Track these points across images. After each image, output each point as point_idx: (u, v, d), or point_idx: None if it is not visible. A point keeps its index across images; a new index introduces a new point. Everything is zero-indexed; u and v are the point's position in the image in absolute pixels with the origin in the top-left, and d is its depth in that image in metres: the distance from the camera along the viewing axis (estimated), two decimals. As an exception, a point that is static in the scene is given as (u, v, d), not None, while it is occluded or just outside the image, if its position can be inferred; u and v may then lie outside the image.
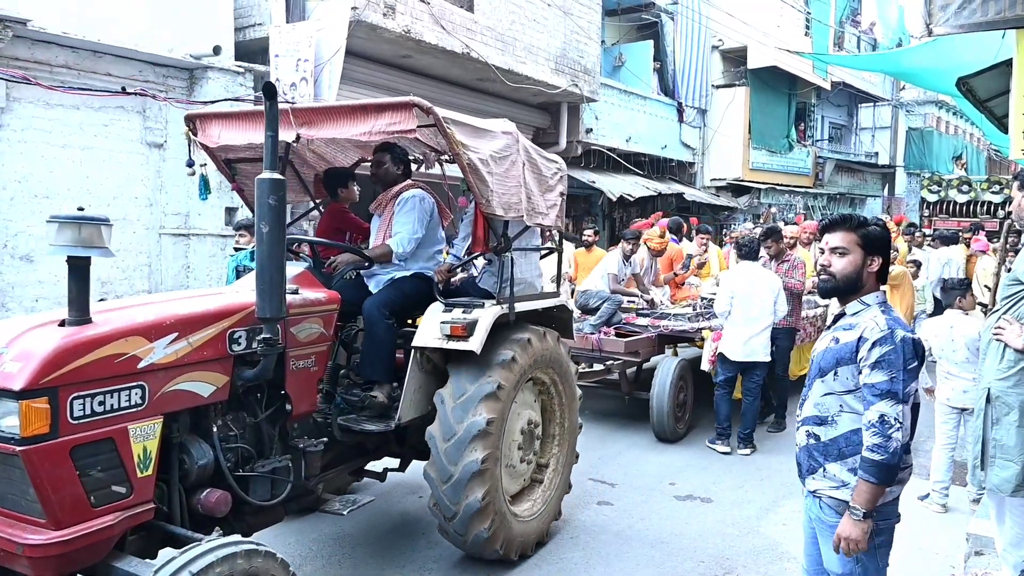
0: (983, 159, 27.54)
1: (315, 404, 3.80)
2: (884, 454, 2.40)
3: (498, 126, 4.20)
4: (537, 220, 4.49)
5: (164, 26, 7.86)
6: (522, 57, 11.26)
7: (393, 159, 4.45)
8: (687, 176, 17.95)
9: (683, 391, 7.00)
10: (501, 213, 4.03)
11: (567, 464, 4.83)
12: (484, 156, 3.85)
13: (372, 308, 4.08)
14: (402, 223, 4.27)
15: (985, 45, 6.45)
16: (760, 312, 6.43)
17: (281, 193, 3.00)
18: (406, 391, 3.98)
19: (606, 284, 7.59)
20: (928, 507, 5.24)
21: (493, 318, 4.04)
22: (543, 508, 4.57)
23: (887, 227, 2.69)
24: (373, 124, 3.52)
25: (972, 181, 17.28)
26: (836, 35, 21.26)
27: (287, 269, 3.67)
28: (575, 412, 4.88)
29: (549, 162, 4.74)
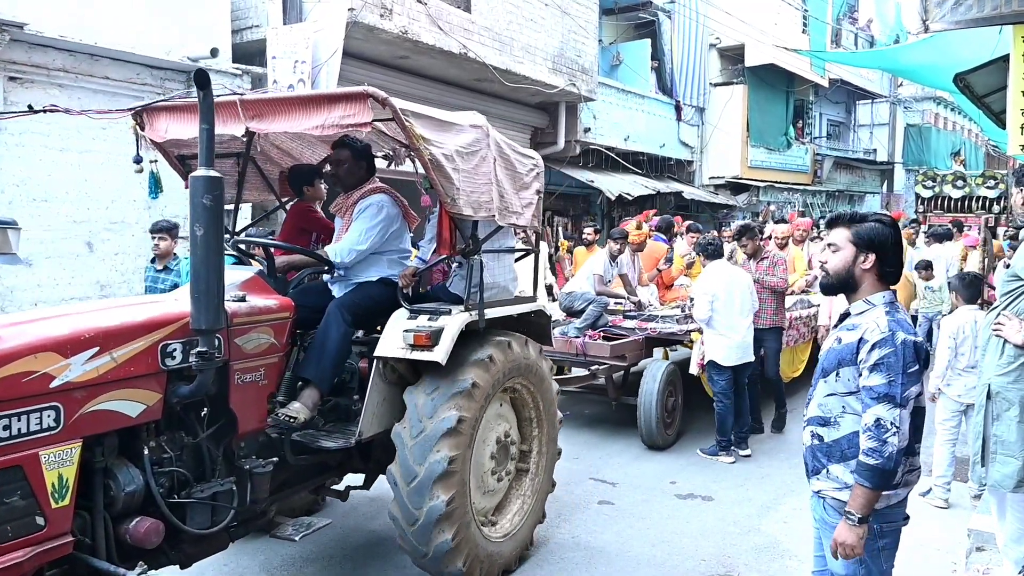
0: (981, 155, 27.57)
1: (265, 420, 3.50)
2: (879, 459, 2.36)
3: (466, 119, 3.91)
4: (511, 220, 4.18)
5: (161, 29, 7.86)
6: (520, 57, 11.26)
7: (354, 157, 4.13)
8: (686, 174, 17.96)
9: (672, 396, 6.72)
10: (469, 213, 3.72)
11: (543, 490, 4.50)
12: (449, 151, 3.56)
13: (333, 308, 3.85)
14: (352, 230, 3.99)
15: (982, 41, 6.45)
16: (741, 311, 6.26)
17: (217, 192, 2.75)
18: (368, 404, 3.69)
19: (592, 285, 7.33)
20: (930, 503, 5.24)
21: (460, 326, 3.75)
22: (514, 531, 4.24)
23: (891, 224, 2.61)
24: (326, 117, 3.23)
25: (967, 176, 17.24)
26: (833, 32, 21.29)
27: (234, 274, 3.49)
28: (555, 432, 4.59)
29: (525, 158, 4.43)
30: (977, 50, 6.62)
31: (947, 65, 7.43)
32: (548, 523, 4.97)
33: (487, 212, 3.87)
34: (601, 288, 7.33)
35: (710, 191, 18.14)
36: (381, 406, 3.79)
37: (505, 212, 4.09)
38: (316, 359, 3.76)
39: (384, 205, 4.03)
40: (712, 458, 6.31)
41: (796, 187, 20.85)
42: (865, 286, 2.60)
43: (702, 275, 6.43)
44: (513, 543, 4.22)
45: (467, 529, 3.74)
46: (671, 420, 6.72)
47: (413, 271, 4.07)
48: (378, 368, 3.77)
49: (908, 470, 2.56)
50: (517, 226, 4.37)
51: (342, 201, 4.13)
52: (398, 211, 4.14)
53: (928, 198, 17.17)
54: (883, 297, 2.55)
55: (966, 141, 27.82)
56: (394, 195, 4.13)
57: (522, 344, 4.17)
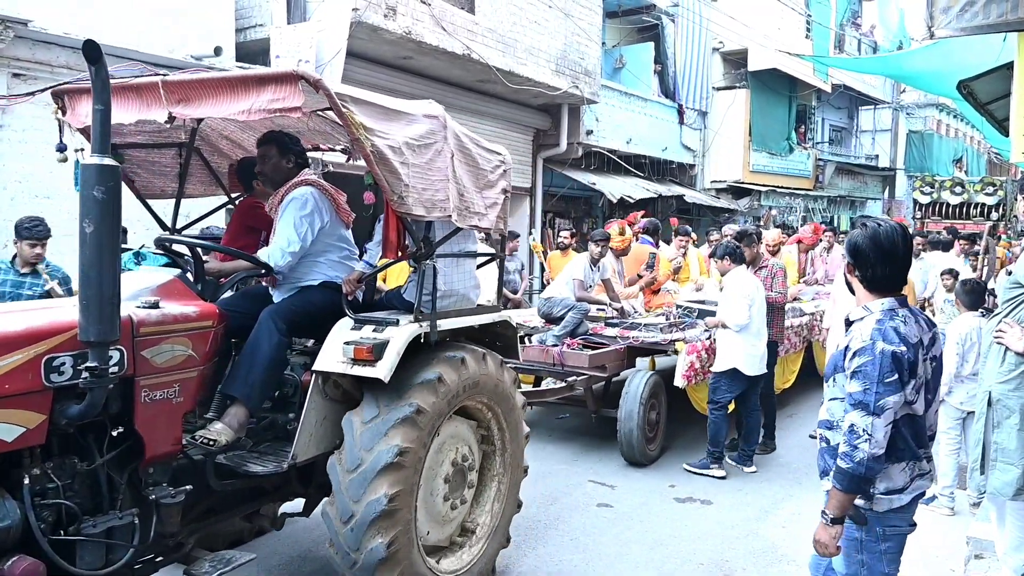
0: (983, 162, 27.59)
1: (180, 443, 3.13)
2: (850, 463, 2.40)
3: (419, 108, 3.54)
4: (472, 221, 3.80)
5: (165, 27, 7.86)
6: (523, 59, 11.26)
7: (280, 152, 3.77)
8: (687, 178, 17.96)
9: (655, 409, 6.36)
10: (421, 212, 3.36)
11: (507, 513, 4.16)
12: (396, 143, 3.23)
13: (265, 315, 3.50)
14: (279, 231, 3.63)
15: (986, 48, 6.46)
16: (763, 319, 6.10)
17: (111, 183, 2.43)
18: (304, 424, 3.33)
19: (571, 291, 6.95)
20: (935, 511, 5.23)
21: (408, 338, 3.39)
22: (472, 563, 3.91)
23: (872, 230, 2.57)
24: (254, 100, 2.92)
25: (965, 182, 17.12)
26: (837, 38, 21.28)
27: (148, 277, 3.23)
28: (520, 450, 4.23)
29: (489, 153, 4.06)
30: (981, 57, 6.63)
31: (950, 72, 7.43)
32: (547, 525, 4.97)
33: (442, 212, 3.49)
34: (581, 294, 6.98)
35: (712, 195, 18.14)
36: (321, 426, 3.43)
37: (465, 213, 3.72)
38: (244, 374, 3.40)
39: (308, 199, 3.64)
40: (702, 472, 6.04)
41: (798, 192, 20.84)
42: (859, 294, 2.63)
43: (733, 278, 6.10)
44: None
45: (412, 569, 3.41)
46: (654, 435, 6.39)
47: (358, 276, 3.69)
48: (317, 384, 3.41)
49: (917, 475, 2.58)
50: (479, 228, 3.97)
51: (272, 200, 3.78)
52: (327, 205, 3.73)
53: (926, 204, 17.04)
54: (882, 305, 2.55)
55: (968, 148, 27.84)
56: (322, 188, 3.76)
57: (479, 359, 3.76)
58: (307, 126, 4.02)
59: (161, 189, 4.21)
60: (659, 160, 16.66)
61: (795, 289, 8.33)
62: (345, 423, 3.36)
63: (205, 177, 4.37)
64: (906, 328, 2.49)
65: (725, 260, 6.16)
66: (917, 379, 2.49)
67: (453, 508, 3.81)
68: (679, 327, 6.82)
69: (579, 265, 7.13)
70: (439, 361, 3.55)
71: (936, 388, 2.64)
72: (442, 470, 3.70)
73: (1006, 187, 16.57)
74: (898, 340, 2.44)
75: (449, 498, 3.75)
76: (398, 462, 3.24)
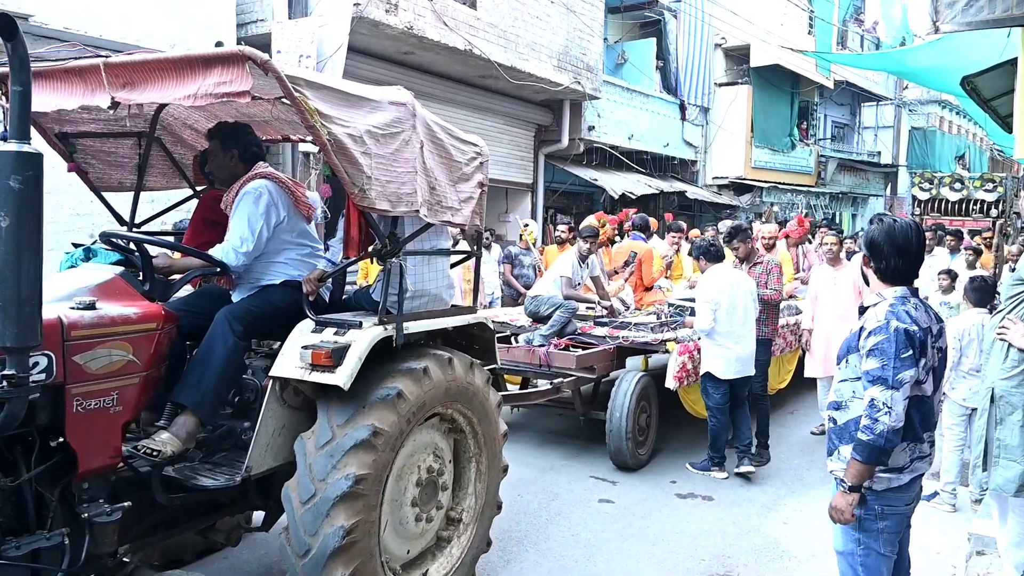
0: (986, 159, 27.55)
1: (119, 455, 2.89)
2: (871, 435, 2.54)
3: (385, 95, 3.29)
4: (444, 217, 3.56)
5: (166, 22, 7.85)
6: (525, 54, 11.24)
7: (223, 147, 3.53)
8: (689, 174, 17.94)
9: (645, 412, 6.10)
10: (385, 207, 3.13)
11: (485, 516, 3.96)
12: (357, 131, 3.00)
13: (219, 318, 3.28)
14: (232, 227, 3.40)
15: (990, 44, 6.43)
16: (744, 320, 5.78)
17: (30, 172, 2.21)
18: (260, 433, 3.12)
19: (559, 289, 6.65)
20: (937, 507, 5.23)
21: (372, 342, 3.18)
22: (450, 573, 3.74)
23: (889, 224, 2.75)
24: (200, 84, 2.70)
25: (964, 179, 17.05)
26: (839, 34, 21.24)
27: (86, 276, 2.99)
28: (497, 454, 4.03)
29: (464, 144, 3.81)
30: (985, 53, 6.60)
31: (954, 68, 7.41)
32: (548, 521, 4.97)
33: (409, 207, 3.25)
34: (569, 292, 6.66)
35: (713, 191, 18.12)
36: (279, 435, 3.21)
37: (436, 207, 3.49)
38: (195, 380, 3.18)
39: (263, 192, 3.40)
40: (703, 473, 5.93)
41: (800, 188, 20.82)
42: (874, 284, 2.81)
43: (702, 280, 5.94)
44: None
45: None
46: (644, 438, 6.13)
47: (319, 274, 3.45)
48: (274, 390, 3.20)
49: (917, 457, 2.70)
50: (452, 224, 3.73)
51: (227, 197, 3.54)
52: (285, 199, 3.49)
53: (925, 201, 16.95)
54: (895, 292, 2.72)
55: (971, 145, 27.79)
56: (279, 180, 3.53)
57: (444, 365, 3.50)
58: (271, 114, 3.79)
59: (119, 182, 3.97)
60: (661, 156, 16.65)
61: (791, 286, 8.13)
62: (297, 447, 3.13)
63: (167, 169, 4.11)
64: (916, 313, 2.66)
65: (700, 260, 5.97)
66: (927, 359, 2.64)
67: (429, 520, 3.61)
68: (670, 326, 6.59)
69: (567, 262, 6.83)
70: (399, 374, 3.27)
71: (940, 378, 2.78)
72: (410, 484, 3.48)
73: (1006, 183, 16.51)
74: (910, 320, 2.61)
75: (421, 513, 3.54)
76: (355, 491, 3.00)
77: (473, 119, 12.21)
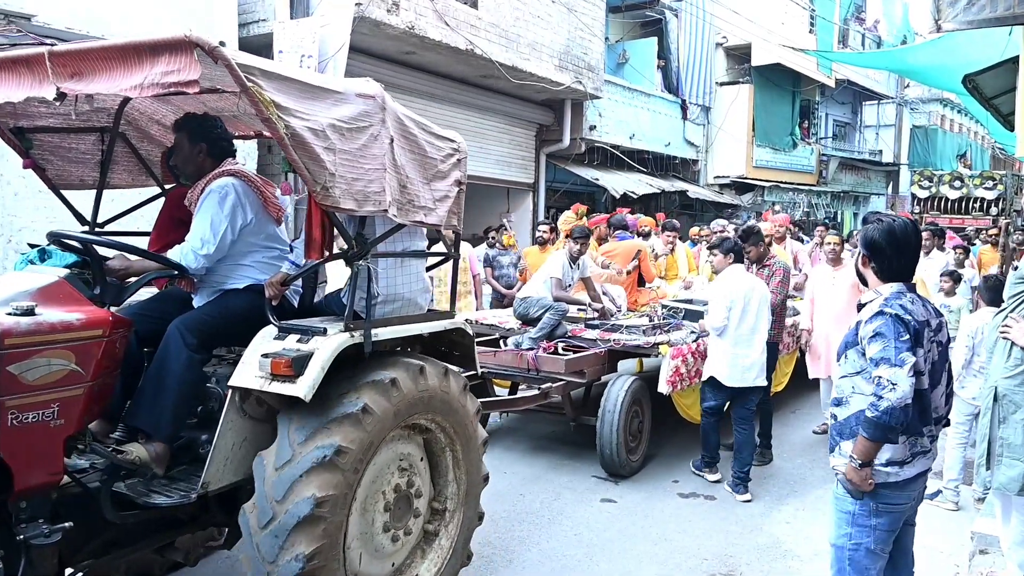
0: (987, 157, 27.52)
1: (60, 472, 2.68)
2: (875, 412, 2.57)
3: (352, 86, 3.10)
4: (416, 217, 3.35)
5: (168, 22, 7.85)
6: (526, 54, 11.24)
7: (190, 140, 3.34)
8: (690, 173, 17.93)
9: (638, 417, 5.91)
10: (350, 206, 2.92)
11: (465, 527, 3.75)
12: (319, 125, 2.81)
13: (172, 330, 3.06)
14: (194, 228, 3.21)
15: (991, 42, 6.43)
16: (755, 327, 5.54)
17: None
18: (218, 447, 2.94)
19: (549, 290, 6.44)
20: (939, 506, 5.22)
21: (336, 350, 2.99)
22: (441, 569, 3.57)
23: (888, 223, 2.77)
24: (147, 73, 2.50)
25: (964, 177, 16.87)
26: (840, 32, 21.23)
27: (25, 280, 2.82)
28: (476, 463, 3.80)
29: (440, 140, 3.60)
30: (986, 52, 6.60)
31: (955, 66, 7.41)
32: (550, 520, 4.97)
33: (377, 206, 3.05)
34: (559, 293, 6.44)
35: (715, 190, 18.12)
36: (240, 449, 3.02)
37: (408, 207, 3.29)
38: (149, 402, 2.98)
39: (229, 191, 3.22)
40: (698, 473, 5.85)
41: (801, 187, 20.81)
42: (870, 281, 2.83)
43: (721, 277, 5.71)
44: None
45: None
46: (636, 444, 5.93)
47: (282, 278, 3.23)
48: (234, 401, 3.01)
49: (919, 451, 2.72)
50: (425, 224, 3.51)
51: (191, 194, 3.35)
52: (253, 199, 3.32)
53: (925, 199, 16.77)
54: (891, 288, 2.75)
55: (972, 143, 27.77)
56: (248, 179, 3.36)
57: (415, 374, 3.29)
58: (239, 108, 3.58)
59: (80, 179, 3.79)
60: (662, 156, 16.64)
61: None
62: (256, 466, 2.93)
63: (133, 166, 3.91)
64: (913, 307, 2.69)
65: (720, 255, 5.68)
66: (925, 351, 2.66)
67: (403, 537, 3.40)
68: (663, 328, 6.36)
69: (557, 263, 6.60)
70: (366, 386, 3.06)
71: (942, 373, 2.80)
72: (380, 501, 3.26)
73: (1006, 181, 16.41)
74: (904, 311, 2.65)
75: (393, 526, 3.32)
76: (316, 515, 2.80)
77: (474, 119, 12.21)
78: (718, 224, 9.98)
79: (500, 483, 5.58)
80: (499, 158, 12.97)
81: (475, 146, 12.33)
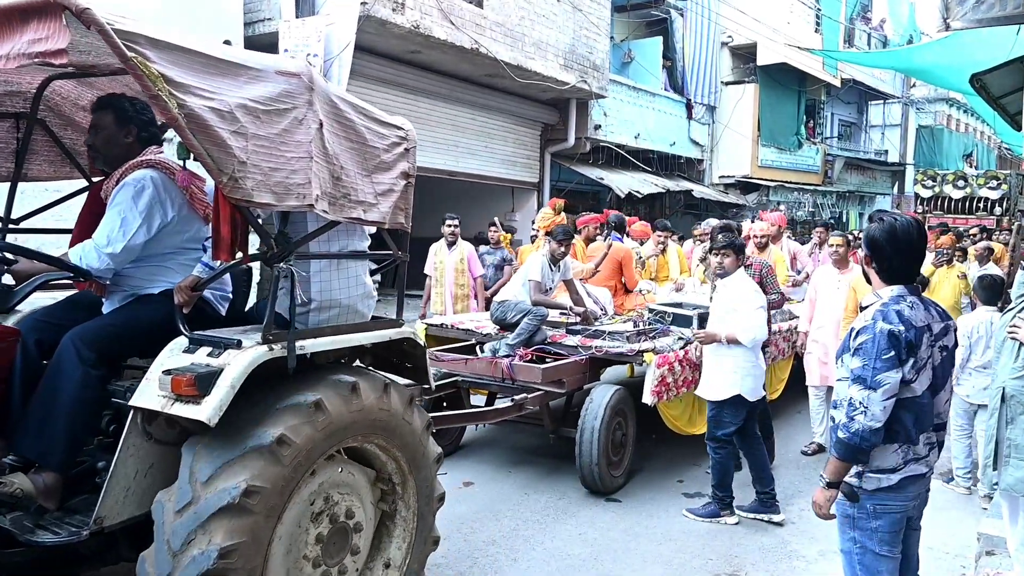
0: (994, 157, 27.43)
1: None
2: (846, 433, 2.57)
3: (272, 62, 2.73)
4: (353, 213, 2.96)
5: (174, 21, 7.87)
6: (531, 53, 11.24)
7: (118, 120, 2.99)
8: (696, 173, 17.91)
9: (621, 429, 5.46)
10: (267, 200, 2.54)
11: (418, 554, 3.40)
12: (225, 105, 2.44)
13: (66, 343, 2.70)
14: (102, 223, 2.89)
15: (998, 42, 6.41)
16: None
17: None
18: (115, 476, 2.57)
19: (527, 293, 5.92)
20: (953, 489, 5.48)
21: (250, 365, 2.59)
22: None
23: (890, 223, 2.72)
24: (16, 42, 2.23)
25: (968, 176, 16.69)
26: (846, 32, 21.17)
27: None
28: (428, 484, 3.40)
29: (383, 127, 3.21)
30: (993, 51, 6.58)
31: (962, 66, 7.39)
32: (555, 519, 4.96)
33: (301, 200, 2.66)
34: (538, 297, 5.91)
35: (720, 190, 18.09)
36: (145, 478, 2.65)
37: (343, 202, 2.91)
38: (36, 426, 2.62)
39: (146, 185, 2.88)
40: (711, 520, 5.00)
41: (806, 187, 20.76)
42: (874, 281, 2.80)
43: (739, 281, 5.02)
44: None
45: None
46: (619, 458, 5.50)
47: (193, 282, 2.89)
48: (135, 423, 2.63)
49: (911, 458, 2.68)
50: (363, 222, 3.12)
51: (107, 185, 3.02)
52: (176, 194, 2.99)
53: (928, 198, 16.57)
54: (891, 292, 2.70)
55: (978, 143, 27.68)
56: (171, 171, 3.03)
57: (346, 394, 2.88)
58: None
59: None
60: (667, 155, 16.62)
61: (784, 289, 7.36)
62: (155, 506, 2.55)
63: (55, 156, 3.56)
64: (911, 312, 2.63)
65: (731, 256, 5.02)
66: (918, 359, 2.60)
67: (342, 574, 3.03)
68: (648, 335, 5.84)
69: (535, 264, 6.04)
70: (285, 411, 2.67)
71: (945, 377, 2.76)
72: (309, 537, 2.86)
73: (1010, 180, 16.24)
74: (898, 321, 2.58)
75: (323, 566, 2.92)
76: (220, 568, 2.43)
77: (479, 118, 12.22)
78: (709, 224, 9.33)
79: (505, 483, 5.58)
80: (504, 157, 12.97)
81: (480, 145, 12.34)
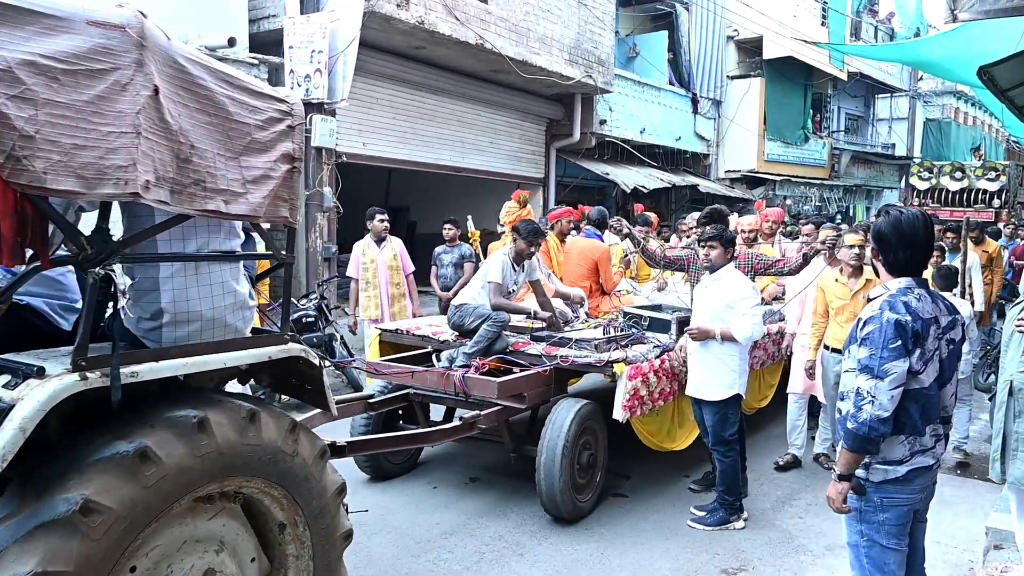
0: (1002, 150, 27.25)
1: None
2: (855, 423, 2.58)
3: (80, 9, 2.13)
4: (210, 204, 2.44)
5: (179, 18, 7.87)
6: (536, 48, 11.22)
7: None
8: (701, 168, 17.87)
9: (589, 448, 4.91)
10: (71, 187, 2.05)
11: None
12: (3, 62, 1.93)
13: None
14: None
15: (1006, 34, 6.36)
16: None
17: None
18: None
19: (487, 296, 5.29)
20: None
21: (49, 401, 2.07)
22: None
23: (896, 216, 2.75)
24: None
25: (966, 167, 16.24)
26: (853, 25, 21.06)
27: None
28: (329, 521, 2.85)
29: (258, 99, 2.64)
30: (1001, 43, 6.52)
31: (970, 58, 7.32)
32: (561, 515, 4.96)
33: (120, 187, 2.14)
34: (498, 300, 5.24)
35: (726, 185, 18.04)
36: None
37: (194, 190, 2.37)
38: None
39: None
40: (720, 528, 4.80)
41: (813, 181, 20.69)
42: (881, 274, 2.84)
43: (732, 275, 4.80)
44: None
45: None
46: (586, 480, 4.93)
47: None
48: None
49: (918, 450, 2.69)
50: (226, 216, 2.56)
51: None
52: None
53: (924, 190, 16.11)
54: (899, 284, 2.72)
55: (986, 136, 27.52)
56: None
57: (190, 435, 2.31)
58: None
59: None
60: (673, 150, 16.59)
61: (773, 288, 7.03)
62: None
63: None
64: (918, 304, 2.65)
65: (718, 248, 4.74)
66: (925, 351, 2.61)
67: None
68: (621, 343, 5.23)
69: (495, 265, 5.36)
70: (93, 468, 2.09)
71: (951, 371, 2.77)
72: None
73: (1009, 172, 15.88)
74: (905, 311, 2.60)
75: None
76: None
77: (484, 114, 12.21)
78: (693, 218, 8.65)
79: (511, 478, 5.59)
80: (509, 153, 12.96)
81: (485, 141, 12.34)
